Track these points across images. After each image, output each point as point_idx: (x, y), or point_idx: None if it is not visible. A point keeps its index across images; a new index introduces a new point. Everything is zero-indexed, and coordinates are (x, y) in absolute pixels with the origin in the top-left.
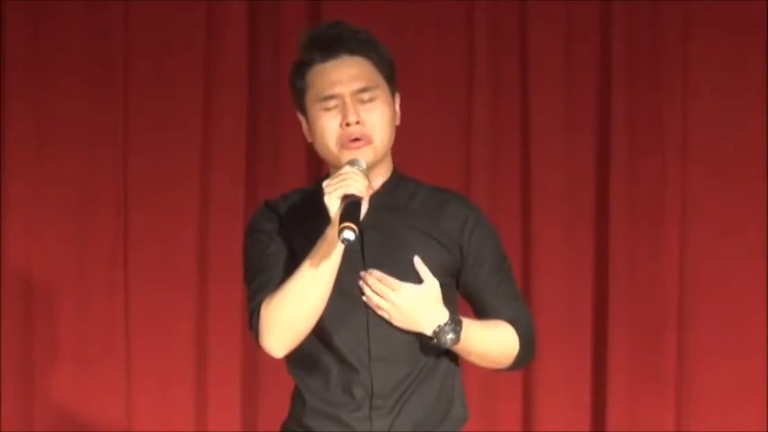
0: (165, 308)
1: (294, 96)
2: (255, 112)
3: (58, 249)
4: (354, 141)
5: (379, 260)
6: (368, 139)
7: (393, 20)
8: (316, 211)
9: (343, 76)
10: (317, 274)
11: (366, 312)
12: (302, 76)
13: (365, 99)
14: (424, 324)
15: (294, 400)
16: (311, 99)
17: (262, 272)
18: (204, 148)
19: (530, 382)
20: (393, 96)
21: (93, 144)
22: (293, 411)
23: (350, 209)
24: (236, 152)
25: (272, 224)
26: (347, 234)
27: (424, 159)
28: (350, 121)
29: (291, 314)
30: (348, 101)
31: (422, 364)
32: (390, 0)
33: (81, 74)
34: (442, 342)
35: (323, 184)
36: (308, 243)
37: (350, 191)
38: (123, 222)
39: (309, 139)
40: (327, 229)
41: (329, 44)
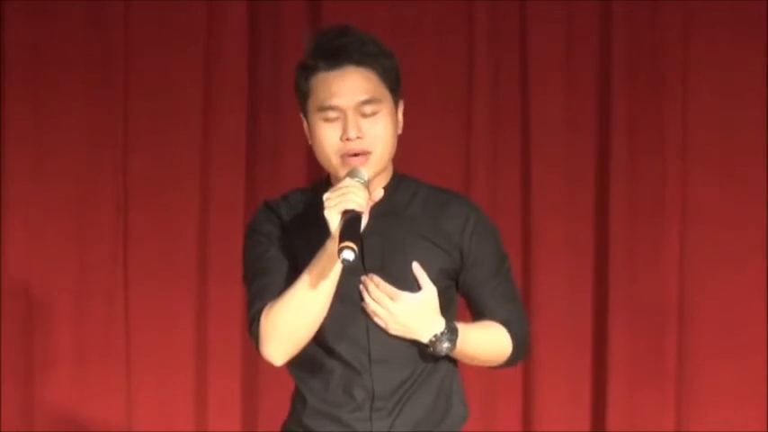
0: (165, 308)
1: (297, 97)
2: (255, 112)
3: (57, 249)
4: (354, 157)
5: (380, 265)
6: (368, 153)
7: (393, 20)
8: (316, 213)
9: (346, 88)
10: (317, 286)
11: (366, 316)
12: (305, 79)
13: (367, 112)
14: (420, 333)
15: (294, 400)
16: (312, 106)
17: (261, 276)
18: (204, 148)
19: (530, 381)
20: (396, 105)
21: (93, 144)
22: (293, 411)
23: (350, 225)
24: (236, 152)
25: (271, 226)
26: (346, 254)
27: (424, 159)
28: (350, 136)
29: (291, 324)
30: (350, 115)
31: (422, 366)
32: (390, 0)
33: (81, 74)
34: (437, 350)
35: (324, 196)
36: (308, 246)
37: (349, 206)
38: (123, 222)
39: (310, 141)
40: (328, 241)
41: (335, 54)
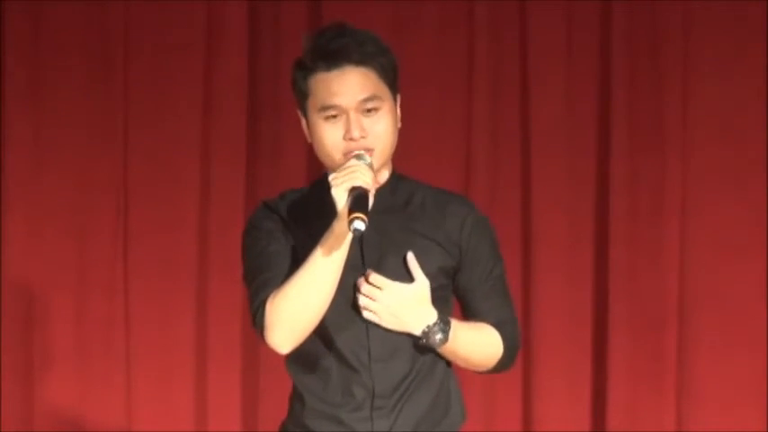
0: (165, 307)
1: (295, 95)
2: (255, 112)
3: (57, 248)
4: None
5: (379, 262)
6: (371, 150)
7: (393, 20)
8: (316, 208)
9: (346, 87)
10: (324, 267)
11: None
12: (304, 79)
13: (369, 110)
14: (412, 324)
15: (292, 401)
16: (312, 106)
17: (264, 270)
18: (204, 148)
19: (530, 382)
20: (395, 100)
21: (93, 144)
22: (292, 413)
23: (358, 200)
24: (236, 152)
25: (272, 223)
26: (358, 224)
27: (424, 159)
28: (354, 136)
29: (298, 307)
30: (352, 115)
31: (420, 363)
32: (390, 0)
33: (81, 74)
34: (431, 342)
35: (329, 177)
36: (309, 240)
37: (357, 183)
38: (123, 222)
39: (309, 140)
40: (334, 222)
41: (334, 54)
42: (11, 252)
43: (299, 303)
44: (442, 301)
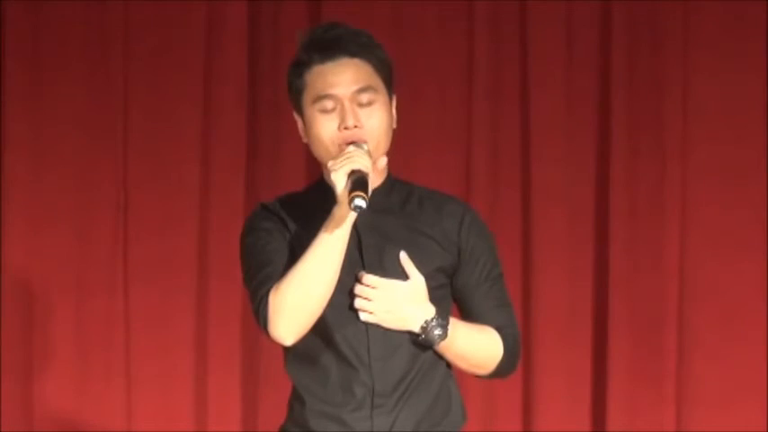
0: (165, 307)
1: (291, 96)
2: (255, 112)
3: (57, 249)
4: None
5: (379, 262)
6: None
7: (393, 20)
8: (315, 210)
9: (342, 77)
10: (326, 253)
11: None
12: (300, 75)
13: (363, 102)
14: (410, 321)
15: (292, 402)
16: (308, 99)
17: (265, 266)
18: (204, 148)
19: (530, 382)
20: (391, 99)
21: (93, 144)
22: (291, 414)
23: (358, 182)
24: (236, 152)
25: (270, 223)
26: (358, 201)
27: (423, 160)
28: (348, 125)
29: (301, 295)
30: (347, 104)
31: (420, 362)
32: (390, 0)
33: (81, 74)
34: (429, 338)
35: (328, 164)
36: (309, 240)
37: (356, 166)
38: (123, 222)
39: (305, 140)
40: (334, 208)
41: (329, 46)
42: (11, 252)
43: (302, 291)
44: (441, 300)
